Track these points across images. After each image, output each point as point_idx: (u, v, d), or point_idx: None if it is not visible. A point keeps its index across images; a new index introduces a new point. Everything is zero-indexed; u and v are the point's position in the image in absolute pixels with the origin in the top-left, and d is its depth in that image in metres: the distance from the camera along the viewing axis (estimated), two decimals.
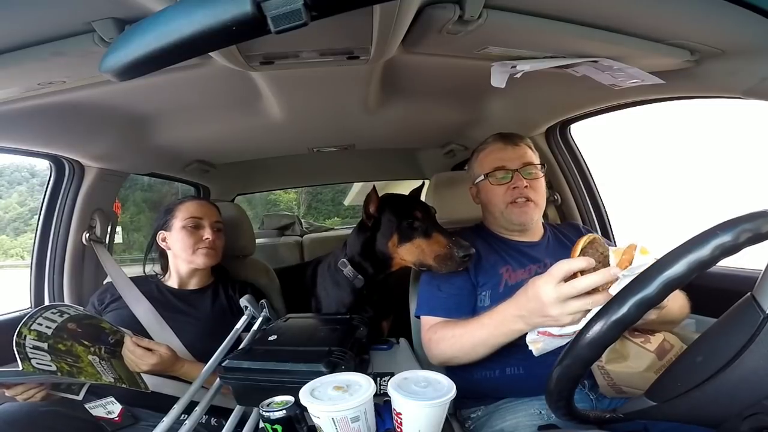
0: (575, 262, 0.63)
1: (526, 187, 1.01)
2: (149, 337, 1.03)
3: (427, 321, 1.00)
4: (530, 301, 0.69)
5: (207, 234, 1.16)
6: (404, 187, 1.63)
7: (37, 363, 0.73)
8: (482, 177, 1.07)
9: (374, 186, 1.19)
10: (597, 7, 0.66)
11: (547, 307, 0.65)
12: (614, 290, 0.66)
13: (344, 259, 1.24)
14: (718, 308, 0.58)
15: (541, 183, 1.05)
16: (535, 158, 1.07)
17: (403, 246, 1.11)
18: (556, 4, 0.65)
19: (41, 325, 0.77)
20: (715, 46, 0.74)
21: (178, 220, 1.16)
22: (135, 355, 0.89)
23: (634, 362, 0.76)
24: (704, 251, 0.42)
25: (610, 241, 1.45)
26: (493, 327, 0.80)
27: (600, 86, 0.89)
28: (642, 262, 0.63)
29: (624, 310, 0.45)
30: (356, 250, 1.23)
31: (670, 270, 0.43)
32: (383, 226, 1.16)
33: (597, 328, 0.47)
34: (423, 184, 1.36)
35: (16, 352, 0.71)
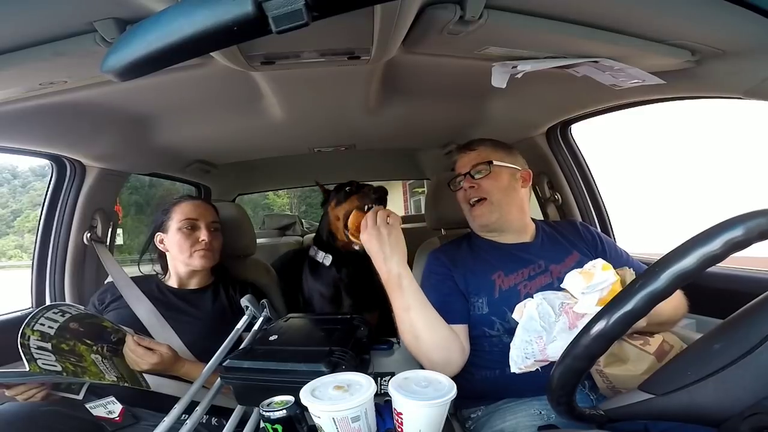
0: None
1: (472, 187, 1.04)
2: (150, 337, 1.03)
3: None
4: (372, 251, 0.87)
5: (203, 236, 1.15)
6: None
7: (43, 363, 0.73)
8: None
9: (316, 180, 1.58)
10: (597, 7, 0.66)
11: (380, 240, 0.85)
12: (579, 308, 0.69)
13: (314, 246, 1.43)
14: (719, 308, 0.58)
15: (494, 179, 1.03)
16: (491, 155, 1.05)
17: (340, 206, 1.32)
18: (556, 5, 0.65)
19: (44, 325, 0.77)
20: (716, 46, 0.74)
21: (174, 222, 1.16)
22: (136, 354, 0.89)
23: (633, 365, 0.76)
24: (714, 245, 0.42)
25: (611, 239, 1.45)
26: (389, 290, 0.88)
27: (600, 86, 0.89)
28: (603, 278, 0.66)
29: (632, 304, 0.45)
30: (319, 230, 1.45)
31: (680, 263, 0.43)
32: (328, 199, 1.41)
33: (606, 318, 0.47)
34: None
35: (21, 354, 0.71)
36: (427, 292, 0.99)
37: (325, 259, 1.36)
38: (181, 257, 1.15)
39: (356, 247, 1.21)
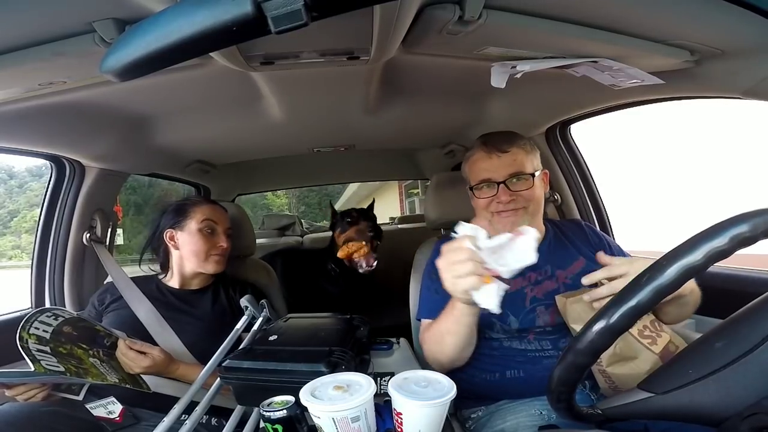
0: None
1: (513, 200, 0.96)
2: (150, 338, 1.03)
3: (424, 324, 1.00)
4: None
5: (222, 241, 1.16)
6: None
7: (47, 364, 0.73)
8: (469, 187, 1.05)
9: (330, 201, 1.94)
10: (597, 7, 0.66)
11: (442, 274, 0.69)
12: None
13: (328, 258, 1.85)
14: (719, 308, 0.58)
15: (534, 189, 0.98)
16: (528, 163, 0.98)
17: (343, 235, 1.74)
18: (556, 5, 0.65)
19: (38, 329, 0.78)
20: (715, 46, 0.74)
21: (194, 222, 1.15)
22: (128, 357, 0.88)
23: (637, 364, 0.75)
24: (722, 240, 0.42)
25: (616, 242, 1.45)
26: (446, 313, 0.82)
27: (600, 86, 0.89)
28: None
29: (638, 298, 0.45)
30: (331, 248, 1.82)
31: (687, 257, 0.43)
32: (336, 224, 1.82)
33: (612, 312, 0.47)
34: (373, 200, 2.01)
35: (24, 355, 0.71)
36: (437, 287, 0.97)
37: (333, 270, 1.83)
38: (195, 259, 1.14)
39: (360, 270, 1.67)
